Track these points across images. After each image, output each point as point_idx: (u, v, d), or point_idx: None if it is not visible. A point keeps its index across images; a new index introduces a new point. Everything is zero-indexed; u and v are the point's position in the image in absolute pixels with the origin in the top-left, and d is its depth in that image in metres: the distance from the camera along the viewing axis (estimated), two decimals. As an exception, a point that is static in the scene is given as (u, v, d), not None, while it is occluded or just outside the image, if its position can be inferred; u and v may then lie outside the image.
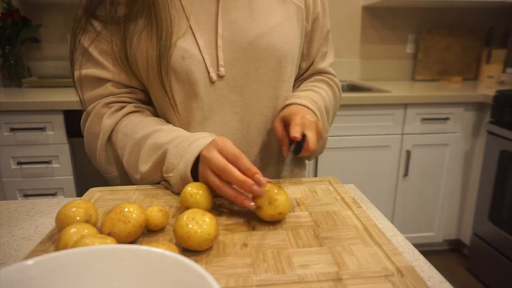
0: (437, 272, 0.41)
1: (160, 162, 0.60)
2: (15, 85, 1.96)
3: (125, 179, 0.68)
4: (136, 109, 0.67)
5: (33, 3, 2.01)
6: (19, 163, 1.61)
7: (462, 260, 2.03)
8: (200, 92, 0.65)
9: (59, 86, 1.88)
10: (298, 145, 0.61)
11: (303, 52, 0.77)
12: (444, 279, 0.40)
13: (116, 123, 0.65)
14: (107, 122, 0.64)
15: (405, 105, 1.80)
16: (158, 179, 0.62)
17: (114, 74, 0.65)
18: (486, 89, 1.94)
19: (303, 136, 0.60)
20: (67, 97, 1.58)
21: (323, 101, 0.72)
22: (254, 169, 0.50)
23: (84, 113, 0.68)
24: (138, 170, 0.62)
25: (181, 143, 0.58)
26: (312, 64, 0.79)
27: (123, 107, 0.66)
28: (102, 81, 0.66)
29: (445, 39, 2.33)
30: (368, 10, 2.27)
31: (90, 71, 0.65)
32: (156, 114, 0.71)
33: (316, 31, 0.76)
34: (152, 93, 0.68)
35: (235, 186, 0.52)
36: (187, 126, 0.68)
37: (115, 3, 0.62)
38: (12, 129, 1.57)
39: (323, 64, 0.80)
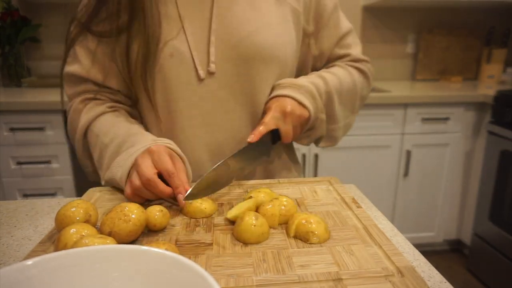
0: (437, 272, 0.41)
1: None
2: (14, 85, 1.96)
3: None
4: (109, 109, 0.67)
5: (32, 2, 2.01)
6: (18, 163, 1.61)
7: (463, 260, 2.03)
8: (187, 89, 0.65)
9: (59, 86, 1.88)
10: (275, 135, 0.65)
11: (315, 53, 0.75)
12: (444, 279, 0.40)
13: (90, 122, 0.66)
14: (83, 119, 0.66)
15: (405, 105, 1.79)
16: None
17: (91, 73, 0.67)
18: (487, 89, 1.94)
19: (277, 129, 0.64)
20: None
21: (325, 85, 0.69)
22: (181, 189, 0.53)
23: (67, 110, 0.71)
24: (101, 175, 0.64)
25: (119, 153, 0.61)
26: (333, 58, 0.78)
27: (98, 105, 0.68)
28: (81, 79, 0.68)
29: (445, 39, 2.33)
30: (368, 10, 2.27)
31: (72, 68, 0.68)
32: (135, 114, 0.71)
33: (323, 30, 0.74)
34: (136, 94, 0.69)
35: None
36: (172, 126, 0.67)
37: (117, 13, 0.62)
38: (12, 129, 1.57)
39: (344, 51, 0.77)
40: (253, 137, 0.61)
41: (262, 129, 0.62)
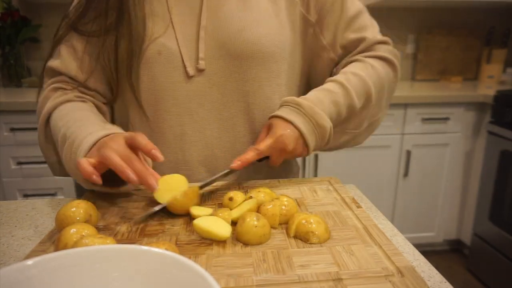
0: (437, 272, 0.41)
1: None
2: (14, 85, 1.96)
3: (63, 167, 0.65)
4: (76, 98, 0.66)
5: (33, 3, 2.01)
6: (19, 163, 1.61)
7: (462, 260, 2.03)
8: (175, 87, 0.64)
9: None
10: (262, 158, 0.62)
11: (324, 43, 0.70)
12: (444, 279, 0.40)
13: (54, 109, 0.64)
14: (48, 105, 0.65)
15: (405, 105, 1.79)
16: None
17: (72, 72, 0.66)
18: (486, 89, 1.94)
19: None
20: (67, 97, 1.59)
21: (347, 99, 0.64)
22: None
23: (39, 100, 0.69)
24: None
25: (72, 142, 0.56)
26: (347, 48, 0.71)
27: (66, 93, 0.66)
28: (59, 74, 0.67)
29: (445, 39, 2.33)
30: (368, 10, 2.27)
31: (53, 63, 0.67)
32: (104, 110, 0.70)
33: (328, 16, 0.68)
34: (121, 94, 0.67)
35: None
36: (160, 124, 0.66)
37: (106, 13, 0.62)
38: (12, 129, 1.57)
39: (358, 35, 0.70)
40: (239, 164, 0.57)
41: (253, 157, 0.58)
